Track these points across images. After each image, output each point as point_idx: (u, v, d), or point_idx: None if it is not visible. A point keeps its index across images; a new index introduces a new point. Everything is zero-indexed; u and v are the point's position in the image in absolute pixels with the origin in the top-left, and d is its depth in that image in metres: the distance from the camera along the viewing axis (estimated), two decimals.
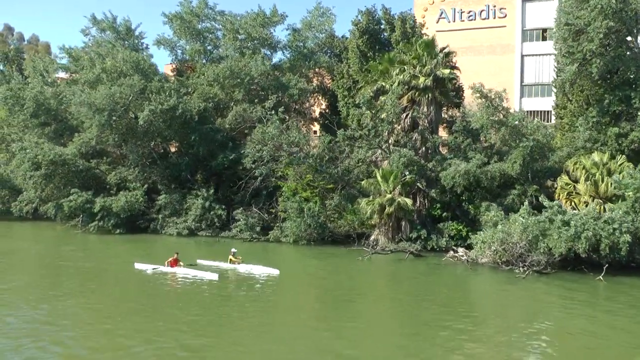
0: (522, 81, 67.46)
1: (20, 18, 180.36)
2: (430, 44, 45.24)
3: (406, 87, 44.28)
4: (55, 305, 24.38)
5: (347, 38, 58.30)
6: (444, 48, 45.87)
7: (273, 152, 43.27)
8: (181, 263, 32.57)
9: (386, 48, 53.21)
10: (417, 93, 44.27)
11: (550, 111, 59.09)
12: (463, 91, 49.20)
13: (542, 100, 65.41)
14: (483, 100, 41.78)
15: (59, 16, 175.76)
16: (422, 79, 43.74)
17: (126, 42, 55.04)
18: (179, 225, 45.94)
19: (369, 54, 52.20)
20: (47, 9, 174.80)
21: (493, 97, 41.85)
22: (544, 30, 67.25)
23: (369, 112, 43.53)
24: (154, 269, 32.13)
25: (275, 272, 32.12)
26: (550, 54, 66.27)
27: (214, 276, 30.50)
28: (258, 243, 44.41)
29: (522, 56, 68.23)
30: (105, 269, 33.64)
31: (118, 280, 30.51)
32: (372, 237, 43.21)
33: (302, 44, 55.60)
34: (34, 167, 47.98)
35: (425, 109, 44.33)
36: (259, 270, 32.66)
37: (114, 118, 45.63)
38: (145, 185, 48.08)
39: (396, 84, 44.74)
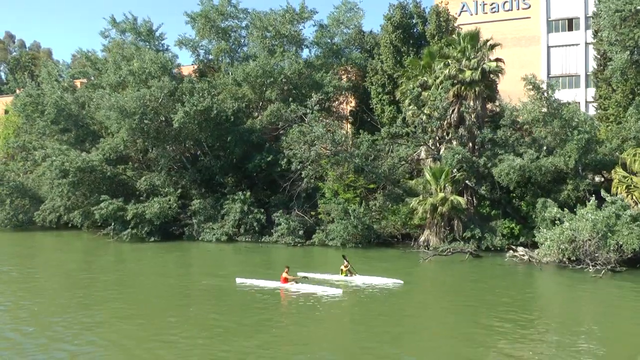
0: (548, 73, 65.85)
1: (21, 26, 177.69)
2: (475, 37, 43.66)
3: (452, 81, 42.63)
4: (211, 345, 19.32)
5: (375, 33, 56.65)
6: (487, 40, 44.21)
7: (320, 152, 41.34)
8: (291, 277, 28.80)
9: (419, 42, 51.68)
10: (463, 87, 42.65)
11: (579, 103, 57.64)
12: (496, 84, 47.60)
13: (570, 92, 63.80)
14: (535, 92, 40.27)
15: (59, 23, 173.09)
16: (468, 73, 42.14)
17: (147, 43, 52.93)
18: (216, 231, 44.02)
19: (402, 49, 50.56)
20: (46, 16, 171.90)
21: (545, 88, 40.38)
22: (570, 21, 65.81)
23: (416, 108, 41.85)
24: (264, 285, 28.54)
25: (398, 282, 29.08)
26: (577, 44, 65.28)
27: (337, 291, 27.14)
28: (302, 248, 42.61)
29: (548, 47, 66.66)
30: (192, 285, 30.14)
31: (232, 300, 26.18)
32: (422, 238, 41.58)
33: (329, 40, 53.70)
34: (61, 174, 45.89)
35: (471, 104, 42.69)
36: (380, 281, 29.49)
37: (145, 121, 43.68)
38: (179, 190, 46.10)
39: (441, 78, 43.14)
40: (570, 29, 65.99)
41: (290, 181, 44.59)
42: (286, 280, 28.45)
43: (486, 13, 68.30)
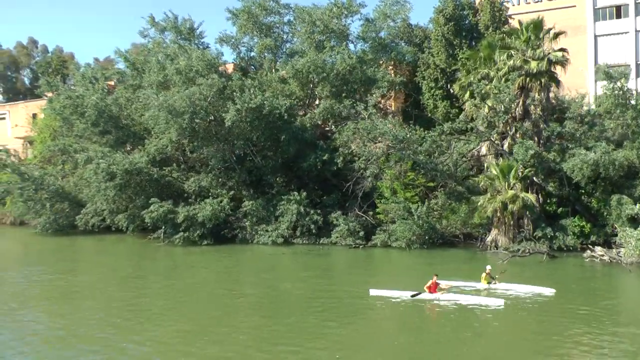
0: (596, 63, 63.52)
1: (43, 30, 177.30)
2: (538, 25, 41.70)
3: (518, 72, 40.70)
4: None
5: (420, 26, 54.75)
6: (550, 29, 42.28)
7: (385, 149, 39.62)
8: (445, 286, 26.26)
9: (471, 35, 49.75)
10: (528, 79, 40.71)
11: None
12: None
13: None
14: (608, 82, 38.35)
15: (79, 27, 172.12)
16: (534, 64, 40.20)
17: (188, 42, 51.34)
18: (271, 233, 42.32)
19: (454, 42, 48.62)
20: (67, 20, 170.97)
21: (618, 77, 38.44)
22: (618, 8, 63.49)
23: (480, 101, 40.02)
24: (412, 296, 25.70)
25: (549, 291, 26.50)
26: (626, 32, 62.94)
27: (499, 302, 24.58)
28: (364, 250, 40.87)
29: (595, 37, 64.34)
30: (321, 293, 27.77)
31: (385, 315, 24.10)
32: (490, 238, 39.69)
33: (374, 34, 51.84)
34: (107, 177, 44.47)
35: (537, 96, 40.78)
36: (526, 290, 26.97)
37: (196, 121, 42.11)
38: (232, 192, 44.52)
39: (504, 70, 41.24)
40: (618, 16, 63.59)
41: (353, 180, 42.79)
42: (435, 289, 25.83)
43: (529, 3, 66.02)
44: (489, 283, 27.86)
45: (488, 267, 28.64)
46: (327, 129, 49.45)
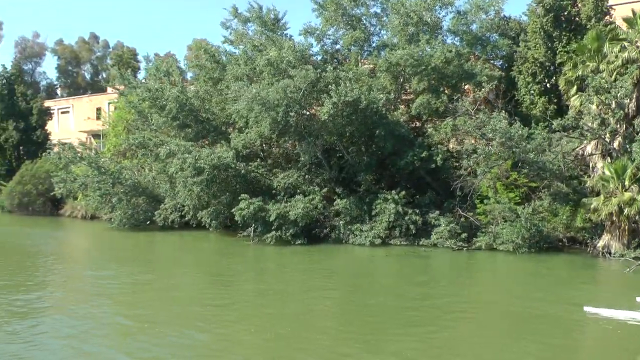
0: None
1: (104, 26, 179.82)
2: None
3: (634, 65, 38.04)
4: None
5: (514, 18, 52.26)
6: None
7: (498, 147, 37.38)
8: None
9: (571, 26, 47.09)
10: None
11: None
12: None
13: None
14: None
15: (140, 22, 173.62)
16: None
17: (272, 33, 49.69)
18: (367, 234, 40.38)
19: (554, 34, 46.07)
20: (127, 16, 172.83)
21: None
22: None
23: (596, 96, 37.46)
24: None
25: None
26: None
27: None
28: (467, 252, 38.68)
29: None
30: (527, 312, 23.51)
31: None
32: (601, 243, 37.07)
33: (465, 27, 49.56)
34: (194, 172, 43.09)
35: None
36: None
37: (291, 114, 40.44)
38: (326, 188, 42.78)
39: (617, 63, 38.64)
40: None
41: (460, 179, 40.71)
42: None
43: None
44: None
45: None
46: (417, 125, 47.55)
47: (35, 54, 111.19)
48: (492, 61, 50.86)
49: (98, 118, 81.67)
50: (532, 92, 46.68)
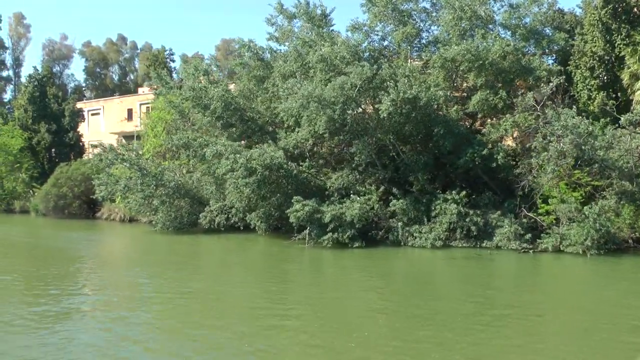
0: None
1: (131, 28, 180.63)
2: None
3: None
4: None
5: (567, 11, 50.73)
6: None
7: (571, 145, 35.92)
8: None
9: (629, 17, 45.48)
10: None
11: None
12: None
13: None
14: None
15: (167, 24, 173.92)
16: None
17: (320, 29, 48.48)
18: (428, 235, 39.02)
19: (613, 26, 44.50)
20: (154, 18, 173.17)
21: None
22: None
23: None
24: None
25: None
26: None
27: None
28: (534, 255, 37.17)
29: None
30: None
31: None
32: None
33: (518, 21, 47.97)
34: (246, 173, 41.94)
35: None
36: None
37: (348, 112, 39.23)
38: (382, 188, 41.51)
39: None
40: None
41: (519, 177, 39.28)
42: None
43: None
44: None
45: None
46: (470, 122, 46.21)
47: (63, 56, 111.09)
48: (544, 56, 49.08)
49: (130, 119, 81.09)
50: (590, 87, 45.16)
